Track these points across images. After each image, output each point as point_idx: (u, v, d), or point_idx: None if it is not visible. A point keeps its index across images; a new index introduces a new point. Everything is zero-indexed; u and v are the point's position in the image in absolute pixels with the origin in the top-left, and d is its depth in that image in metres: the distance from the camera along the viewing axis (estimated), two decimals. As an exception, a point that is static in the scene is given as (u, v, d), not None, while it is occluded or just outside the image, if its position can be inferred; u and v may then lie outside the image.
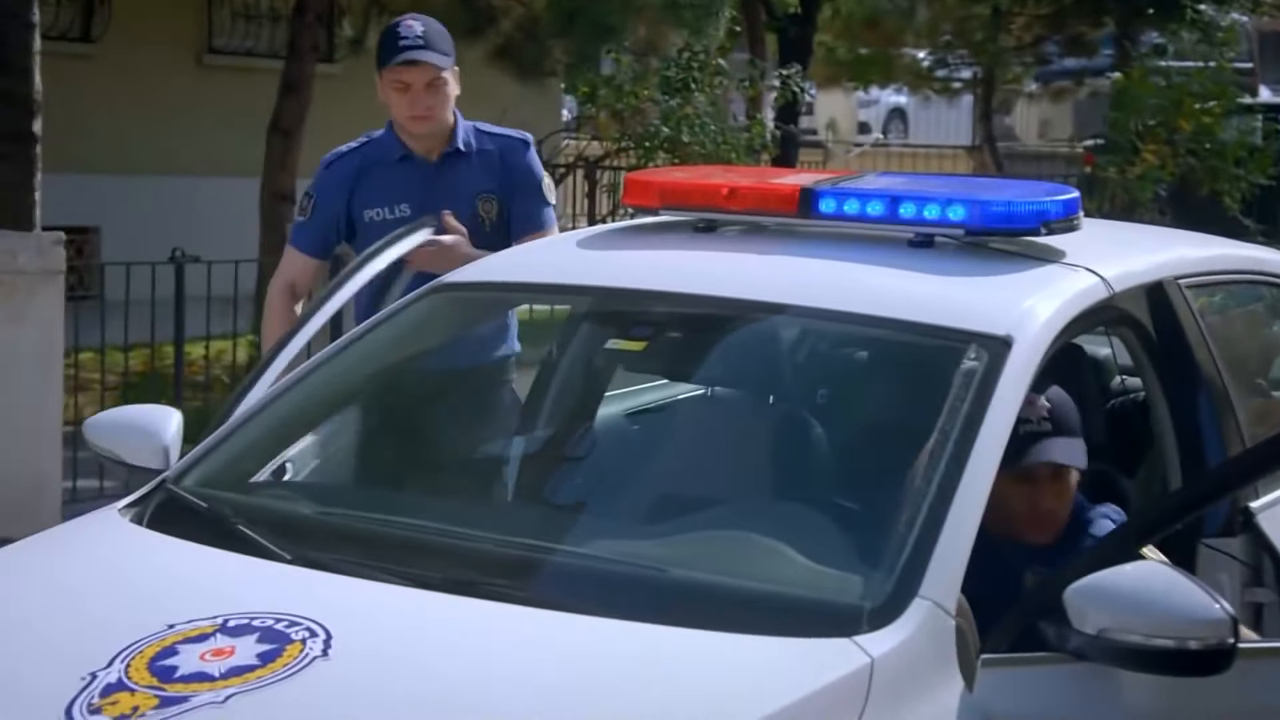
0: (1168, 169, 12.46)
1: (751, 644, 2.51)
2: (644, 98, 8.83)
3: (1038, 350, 2.92)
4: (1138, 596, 2.51)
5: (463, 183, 4.10)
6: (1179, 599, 2.50)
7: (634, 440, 3.24)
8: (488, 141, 4.15)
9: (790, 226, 3.35)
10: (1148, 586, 2.52)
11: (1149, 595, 2.50)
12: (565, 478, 3.28)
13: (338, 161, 4.19)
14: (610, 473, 3.18)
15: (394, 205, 4.10)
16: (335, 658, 2.44)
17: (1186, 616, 2.48)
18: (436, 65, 4.04)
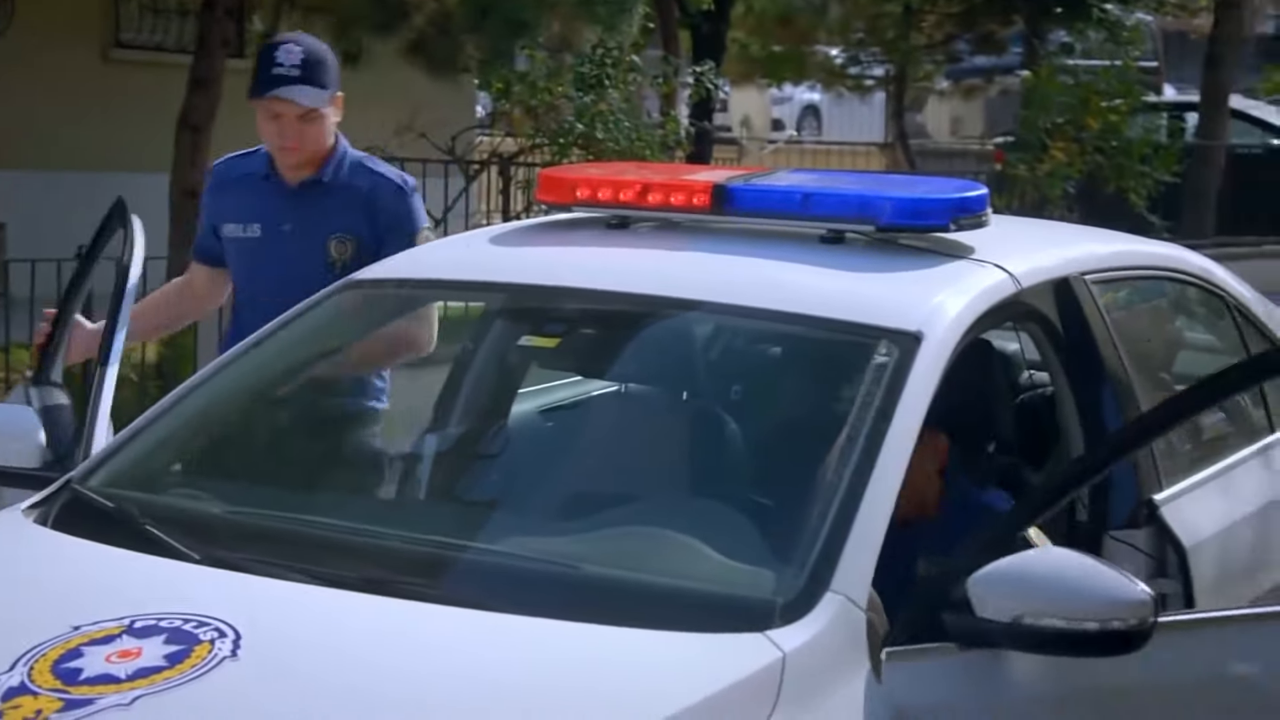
0: (1076, 166, 12.62)
1: (664, 640, 2.51)
2: (558, 94, 8.82)
3: (947, 345, 2.95)
4: (1056, 582, 2.54)
5: (316, 217, 3.80)
6: (1100, 583, 2.53)
7: (548, 437, 3.24)
8: (361, 177, 3.84)
9: (703, 223, 3.37)
10: (1062, 572, 2.55)
11: (1068, 580, 2.53)
12: (478, 475, 3.27)
13: (217, 168, 4.04)
14: (524, 470, 3.17)
15: (247, 224, 3.86)
16: (244, 658, 2.42)
17: (1110, 599, 2.52)
18: (307, 103, 3.77)
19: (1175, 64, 21.78)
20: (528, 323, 3.44)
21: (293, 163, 3.84)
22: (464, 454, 3.32)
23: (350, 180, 3.82)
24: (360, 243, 3.76)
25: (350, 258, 3.74)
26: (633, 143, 8.94)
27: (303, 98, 3.77)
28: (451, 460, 3.30)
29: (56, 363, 3.55)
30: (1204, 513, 3.43)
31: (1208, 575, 3.33)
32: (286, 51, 3.80)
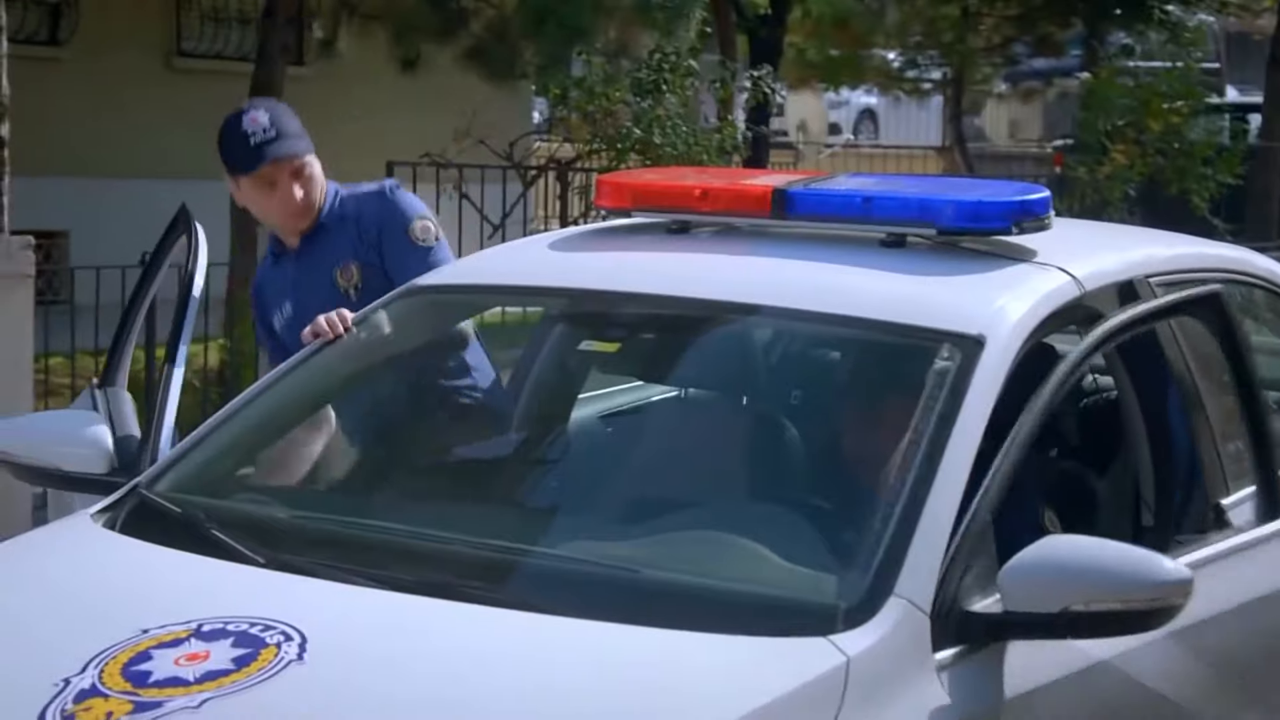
0: (1137, 169, 12.51)
1: (727, 644, 2.51)
2: (615, 99, 8.82)
3: (1010, 349, 2.94)
4: (1095, 568, 2.58)
5: (318, 261, 3.73)
6: (1138, 563, 2.60)
7: (608, 442, 3.25)
8: (348, 205, 3.76)
9: (763, 227, 3.36)
10: (1097, 558, 2.60)
11: (1107, 565, 2.58)
12: (540, 480, 3.28)
13: (255, 283, 3.99)
14: (584, 475, 3.18)
15: (280, 307, 3.79)
16: (310, 661, 2.43)
17: (1154, 579, 2.58)
18: (299, 154, 3.69)
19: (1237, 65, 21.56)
20: (588, 327, 3.45)
21: (301, 225, 3.74)
22: (525, 459, 3.33)
23: (341, 212, 3.75)
24: (363, 263, 3.68)
25: (360, 281, 3.67)
26: (690, 147, 8.93)
27: (294, 149, 3.68)
28: (513, 465, 3.32)
29: (123, 367, 3.58)
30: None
31: (1275, 580, 3.29)
32: (251, 120, 3.68)
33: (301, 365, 3.37)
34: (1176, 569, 2.62)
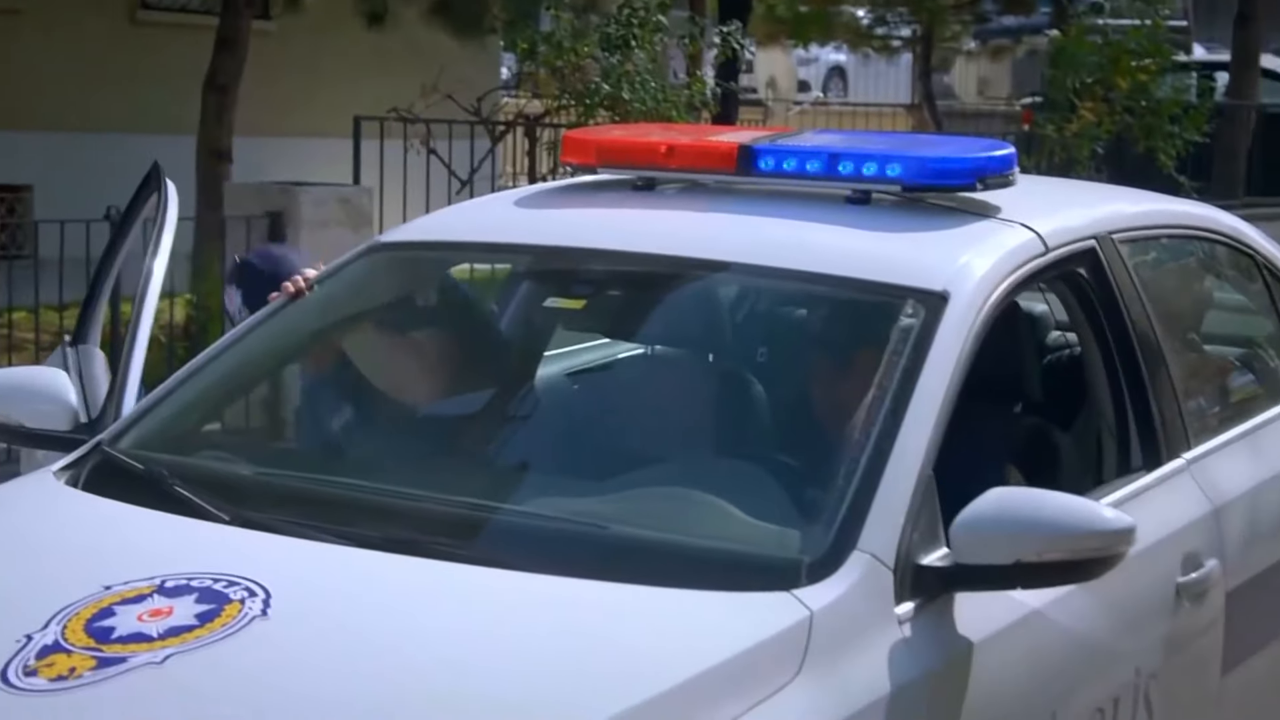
0: (1105, 126, 12.53)
1: (692, 599, 2.52)
2: (584, 54, 8.76)
3: (974, 305, 2.95)
4: (1043, 521, 2.62)
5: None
6: (1084, 514, 2.65)
7: (574, 399, 3.25)
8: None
9: (729, 184, 3.36)
10: (1041, 510, 2.63)
11: (1053, 517, 2.62)
12: (506, 437, 3.28)
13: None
14: (551, 432, 3.18)
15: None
16: (275, 617, 2.44)
17: (1101, 529, 2.64)
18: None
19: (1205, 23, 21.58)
20: (554, 284, 3.45)
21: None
22: (492, 416, 3.33)
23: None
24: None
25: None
26: (659, 103, 8.88)
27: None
28: (479, 422, 3.31)
29: (95, 324, 3.56)
30: (1233, 470, 3.42)
31: (1237, 533, 3.33)
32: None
33: (264, 323, 3.35)
34: (1119, 518, 2.67)
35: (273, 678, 2.33)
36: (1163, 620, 3.08)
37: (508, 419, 3.31)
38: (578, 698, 2.28)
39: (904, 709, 2.50)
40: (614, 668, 2.36)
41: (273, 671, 2.35)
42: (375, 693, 2.29)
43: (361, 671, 2.34)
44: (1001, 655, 2.70)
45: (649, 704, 2.27)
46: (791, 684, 2.40)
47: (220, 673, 2.33)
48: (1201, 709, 3.23)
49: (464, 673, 2.35)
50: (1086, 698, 2.86)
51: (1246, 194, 14.55)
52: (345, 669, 2.35)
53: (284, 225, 7.63)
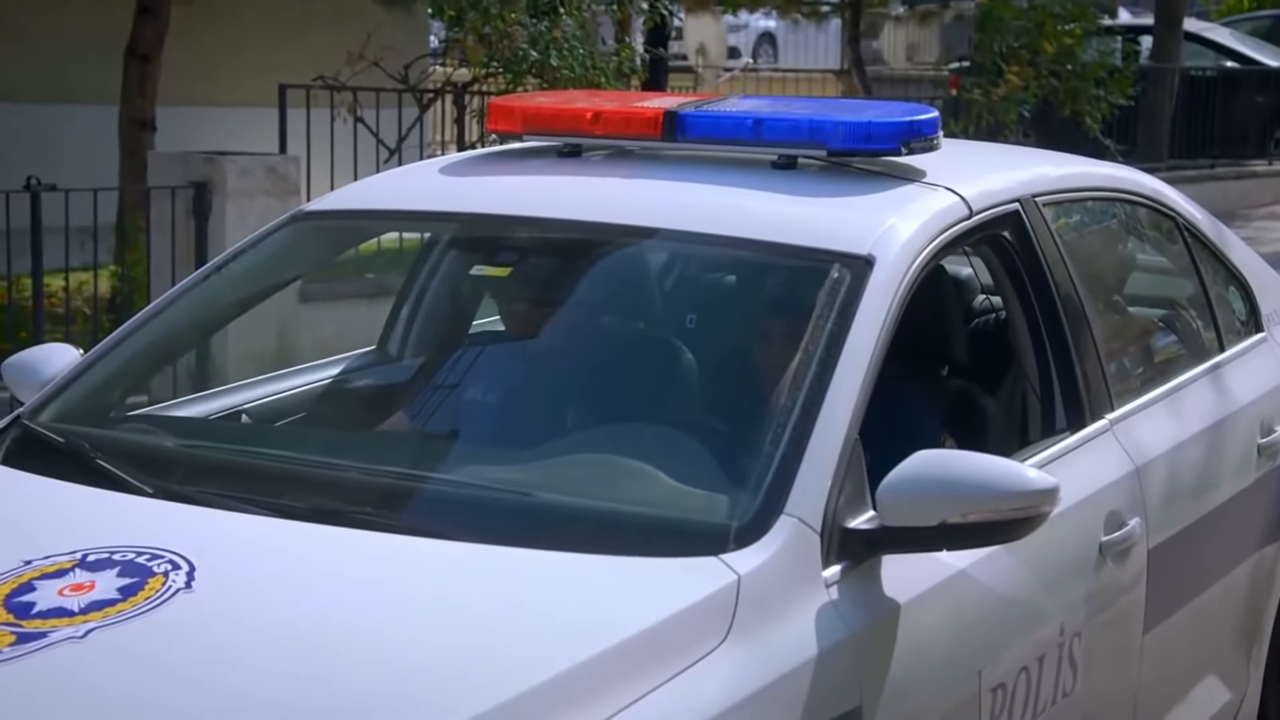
0: (1031, 90, 12.62)
1: (619, 565, 2.52)
2: (511, 21, 8.70)
3: (900, 269, 2.96)
4: (970, 482, 2.63)
5: None
6: (1010, 475, 2.67)
7: (502, 367, 3.23)
8: None
9: (655, 150, 3.35)
10: (970, 473, 2.65)
11: (979, 478, 2.64)
12: (433, 406, 3.26)
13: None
14: (478, 400, 3.17)
15: None
16: (199, 589, 2.41)
17: (1025, 489, 2.66)
18: None
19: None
20: (479, 252, 3.43)
21: None
22: (418, 385, 3.31)
23: None
24: None
25: None
26: (588, 70, 8.85)
27: None
28: (406, 391, 3.30)
29: None
30: (1155, 430, 3.46)
31: (1159, 492, 3.37)
32: None
33: (187, 293, 3.31)
34: (1042, 478, 2.69)
35: (195, 650, 2.31)
36: (1086, 579, 3.12)
37: (435, 387, 3.29)
38: (499, 665, 2.28)
39: (831, 671, 2.52)
40: (536, 635, 2.36)
41: (196, 644, 2.33)
42: (297, 663, 2.28)
43: (284, 642, 2.33)
44: (928, 616, 2.73)
45: (571, 671, 2.27)
46: (719, 648, 2.41)
47: (143, 646, 2.30)
48: (1124, 665, 3.28)
49: (384, 642, 2.33)
50: (1012, 656, 2.89)
51: (1171, 156, 14.72)
52: (268, 640, 2.33)
53: (209, 195, 7.55)
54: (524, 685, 2.24)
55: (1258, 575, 3.79)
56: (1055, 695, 3.01)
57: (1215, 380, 3.79)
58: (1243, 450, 3.74)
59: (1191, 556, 3.48)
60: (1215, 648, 3.69)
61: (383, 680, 2.24)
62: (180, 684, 2.24)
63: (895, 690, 2.62)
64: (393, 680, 2.24)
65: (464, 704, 2.20)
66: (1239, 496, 3.69)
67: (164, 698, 2.21)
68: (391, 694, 2.22)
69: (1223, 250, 4.09)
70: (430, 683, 2.24)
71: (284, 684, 2.24)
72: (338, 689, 2.23)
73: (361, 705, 2.20)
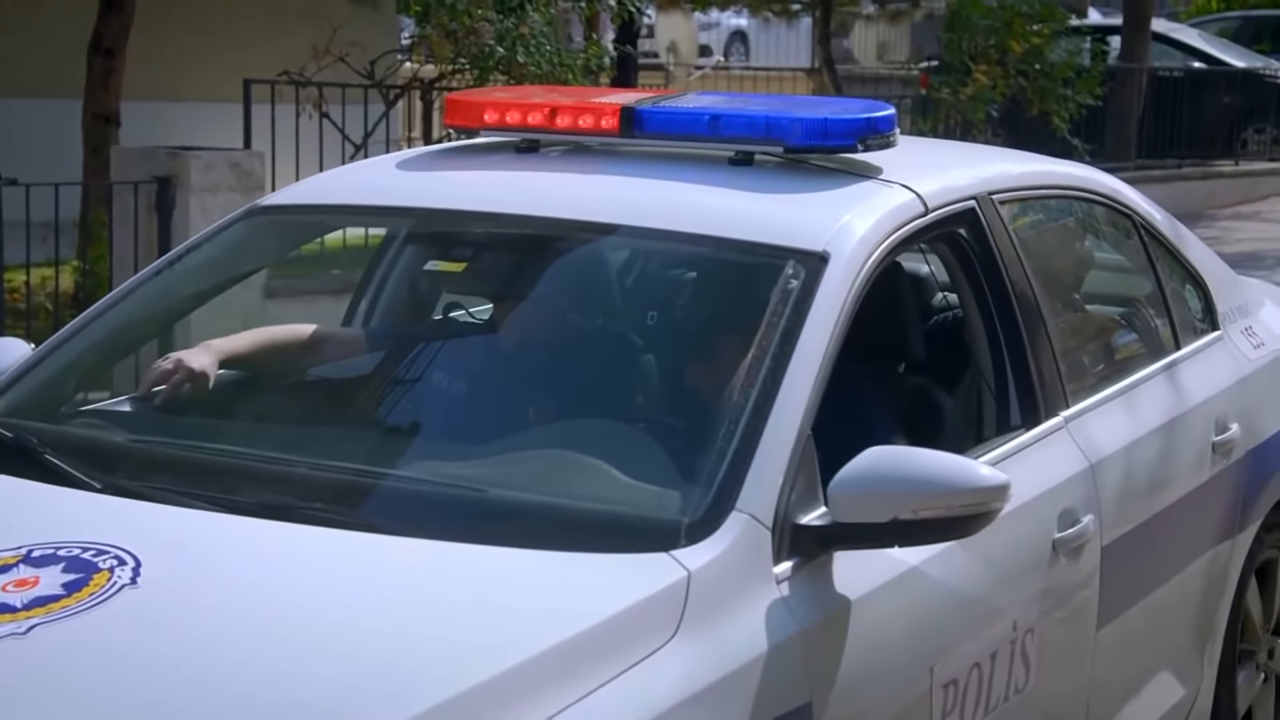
0: (999, 89, 12.66)
1: (569, 561, 2.52)
2: (478, 17, 8.68)
3: (854, 265, 2.96)
4: (921, 479, 2.63)
5: None
6: (962, 471, 2.67)
7: (456, 363, 3.22)
8: None
9: (613, 146, 3.34)
10: (919, 469, 2.64)
11: (931, 474, 2.64)
12: (386, 401, 3.25)
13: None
14: (432, 396, 3.15)
15: None
16: (144, 585, 2.40)
17: (977, 485, 2.66)
18: None
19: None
20: (435, 247, 3.42)
21: None
22: (372, 380, 3.29)
23: None
24: None
25: None
26: (555, 67, 8.83)
27: None
28: (359, 386, 3.28)
29: None
30: (1110, 428, 3.47)
31: (1113, 489, 3.38)
32: None
33: (139, 288, 3.29)
34: (994, 475, 2.70)
35: (139, 647, 2.30)
36: (1039, 575, 3.13)
37: (389, 383, 3.28)
38: (445, 661, 2.27)
39: (781, 667, 2.52)
40: (484, 630, 2.35)
41: (140, 640, 2.31)
42: (240, 660, 2.27)
43: (227, 639, 2.31)
44: (880, 612, 2.73)
45: (519, 666, 2.26)
46: (669, 644, 2.41)
47: (86, 642, 2.29)
48: (1077, 661, 3.28)
49: (329, 638, 2.32)
50: (964, 652, 2.89)
51: (1138, 156, 14.78)
52: (212, 637, 2.32)
53: (173, 190, 7.51)
54: (471, 681, 2.24)
55: (1212, 573, 3.81)
56: (1008, 691, 3.01)
57: (1171, 378, 3.81)
58: (1197, 448, 3.76)
59: (1145, 553, 3.49)
60: (1169, 644, 3.70)
61: (325, 677, 2.23)
62: (121, 680, 2.23)
63: (846, 686, 2.62)
64: (335, 677, 2.24)
65: (408, 700, 2.19)
66: (1193, 494, 3.70)
67: (105, 694, 2.19)
68: (333, 691, 2.21)
69: (1180, 249, 4.11)
70: (373, 679, 2.23)
71: (225, 680, 2.22)
72: (279, 686, 2.22)
73: (302, 702, 2.19)
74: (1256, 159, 15.90)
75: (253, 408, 3.25)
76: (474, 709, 2.21)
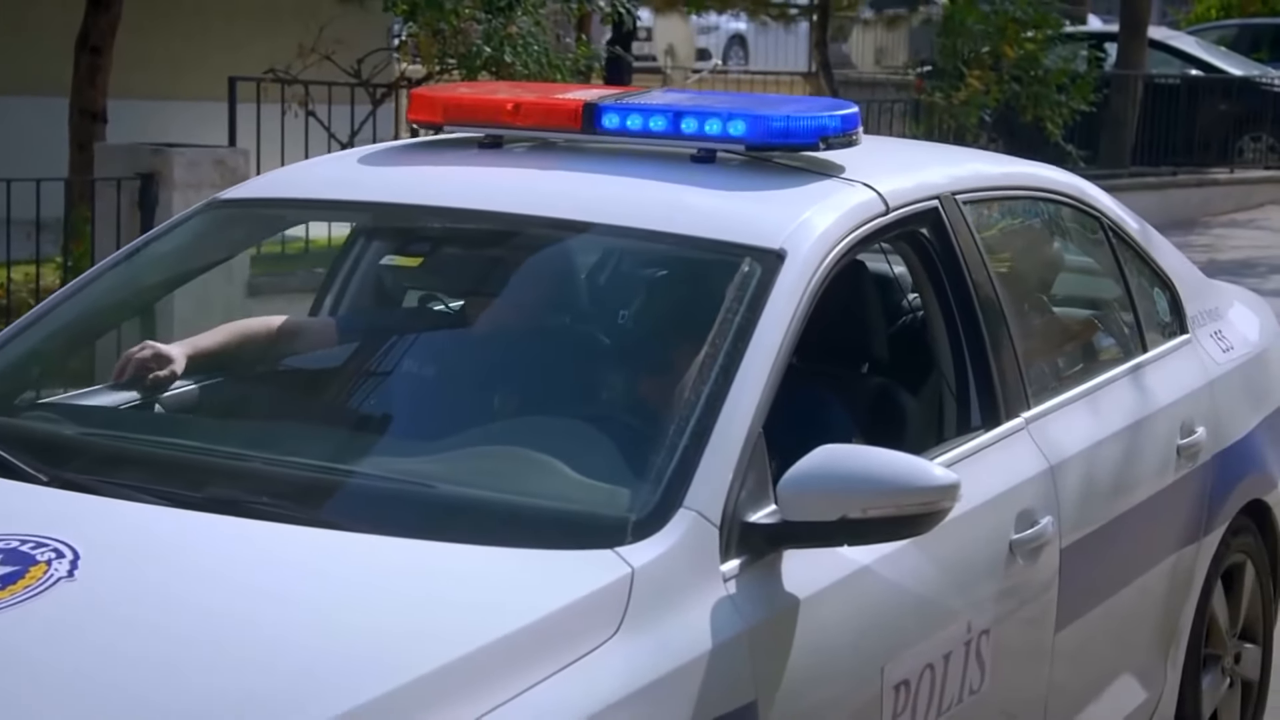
0: (992, 95, 12.64)
1: (514, 557, 2.51)
2: (466, 16, 8.66)
3: (812, 263, 2.94)
4: (870, 478, 2.62)
5: None
6: (912, 470, 2.65)
7: (412, 358, 3.20)
8: None
9: (577, 143, 3.33)
10: (869, 467, 2.63)
11: (881, 473, 2.63)
12: (342, 395, 3.23)
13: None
14: (384, 391, 3.14)
15: None
16: (81, 578, 2.38)
17: (923, 485, 2.64)
18: None
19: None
20: (392, 242, 3.40)
21: None
22: (330, 375, 3.28)
23: None
24: None
25: None
26: (543, 67, 8.82)
27: None
28: (316, 381, 3.27)
29: None
30: (1072, 430, 3.45)
31: (1074, 491, 3.36)
32: None
33: (93, 282, 3.28)
34: (945, 474, 2.68)
35: (69, 640, 2.28)
36: (995, 576, 3.11)
37: (345, 379, 3.26)
38: (378, 658, 2.25)
39: (725, 665, 2.50)
40: (424, 626, 2.34)
41: (72, 634, 2.29)
42: (169, 655, 2.25)
43: (159, 634, 2.30)
44: (829, 611, 2.71)
45: (453, 664, 2.25)
46: (610, 641, 2.40)
47: (17, 635, 2.27)
48: (1035, 663, 3.27)
49: (266, 632, 2.31)
50: (916, 653, 2.88)
51: (1133, 163, 14.77)
52: (143, 632, 2.30)
53: (155, 187, 7.49)
54: (410, 674, 2.22)
55: (1176, 576, 3.79)
56: (962, 693, 3.00)
57: (1136, 381, 3.79)
58: (1161, 451, 3.74)
59: (1106, 556, 3.47)
60: (1131, 647, 3.68)
61: (255, 674, 2.22)
62: (48, 674, 2.21)
63: (793, 685, 2.60)
64: (265, 674, 2.22)
65: (346, 692, 2.18)
66: (1157, 497, 3.68)
67: (29, 688, 2.18)
68: (262, 688, 2.20)
69: (1149, 252, 4.09)
70: (305, 676, 2.22)
71: (152, 677, 2.21)
72: (207, 683, 2.20)
73: (229, 700, 2.17)
74: (1252, 167, 15.88)
75: (210, 403, 3.24)
76: (413, 702, 2.19)
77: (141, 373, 3.18)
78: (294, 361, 3.31)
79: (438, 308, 3.39)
